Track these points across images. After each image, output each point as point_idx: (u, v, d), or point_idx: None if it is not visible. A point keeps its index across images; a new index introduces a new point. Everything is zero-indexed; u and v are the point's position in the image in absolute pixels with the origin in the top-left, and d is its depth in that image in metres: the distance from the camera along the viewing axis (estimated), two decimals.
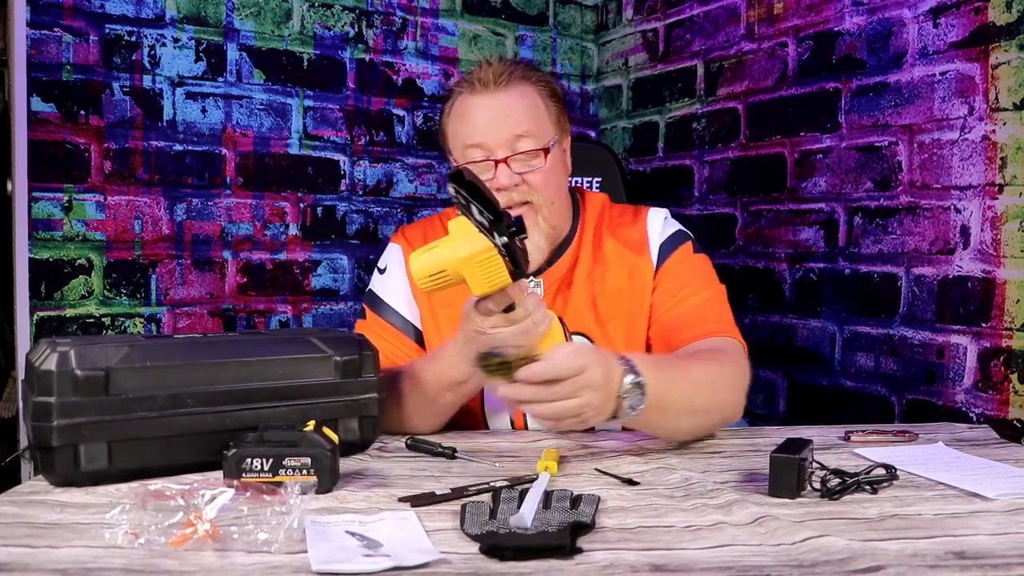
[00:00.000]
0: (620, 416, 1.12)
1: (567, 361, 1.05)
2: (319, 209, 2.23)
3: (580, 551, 0.83)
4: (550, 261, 1.42)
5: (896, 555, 0.83)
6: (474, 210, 1.04)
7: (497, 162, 1.33)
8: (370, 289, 1.48)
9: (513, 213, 1.34)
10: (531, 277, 1.41)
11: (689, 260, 1.43)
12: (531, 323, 1.12)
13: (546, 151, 1.36)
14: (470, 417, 1.41)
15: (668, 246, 1.43)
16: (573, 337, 1.38)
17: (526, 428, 1.40)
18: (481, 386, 1.29)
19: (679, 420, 1.22)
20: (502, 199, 1.33)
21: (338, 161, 2.25)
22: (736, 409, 1.30)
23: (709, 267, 1.45)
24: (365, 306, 1.46)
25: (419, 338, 1.43)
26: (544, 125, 1.38)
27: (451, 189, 1.04)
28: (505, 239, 1.05)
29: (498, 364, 1.08)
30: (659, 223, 1.45)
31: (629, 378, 1.11)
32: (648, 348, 1.40)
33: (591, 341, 1.39)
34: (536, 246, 1.36)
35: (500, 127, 1.34)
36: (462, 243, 1.08)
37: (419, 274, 1.10)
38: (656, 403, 1.13)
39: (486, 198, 1.04)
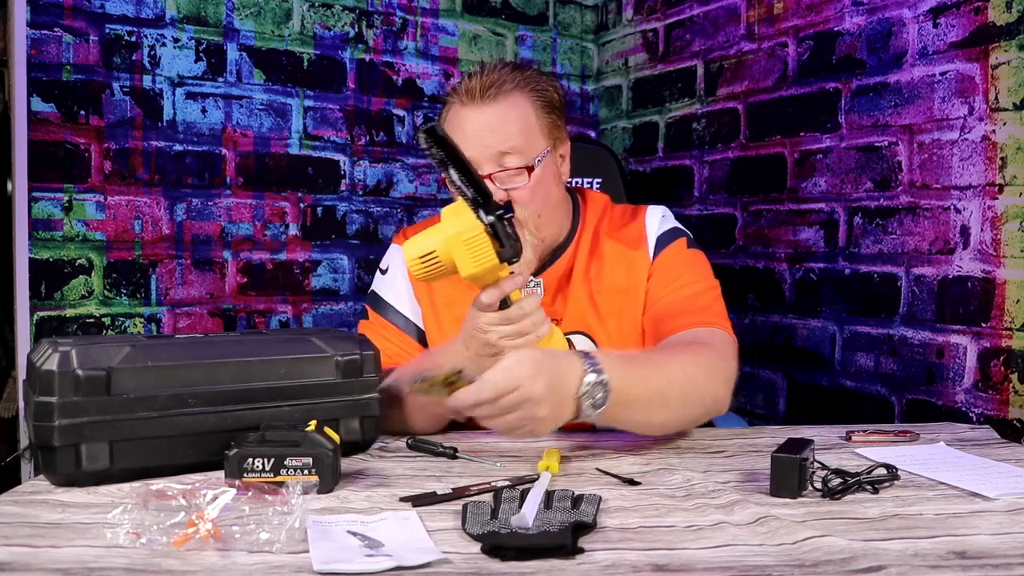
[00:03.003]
0: (581, 416, 1.10)
1: (496, 383, 1.04)
2: (319, 209, 2.23)
3: (582, 551, 0.84)
4: (550, 261, 1.42)
5: (897, 555, 0.83)
6: (453, 174, 1.05)
7: (484, 177, 1.32)
8: (372, 290, 1.48)
9: None
10: (531, 277, 1.41)
11: (684, 254, 1.42)
12: (529, 323, 1.13)
13: (530, 169, 1.32)
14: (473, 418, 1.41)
15: (664, 239, 1.43)
16: (574, 337, 1.39)
17: None
18: None
19: (651, 414, 1.19)
20: None
21: (338, 161, 2.25)
22: (718, 400, 1.25)
23: (704, 263, 1.44)
24: (367, 307, 1.46)
25: (422, 338, 1.43)
26: (533, 139, 1.34)
27: (423, 143, 1.03)
28: (492, 219, 1.07)
29: (428, 386, 1.08)
30: (657, 219, 1.46)
31: (591, 377, 1.09)
32: (643, 337, 1.40)
33: (592, 339, 1.39)
34: (524, 258, 1.35)
35: (486, 142, 1.31)
36: (450, 223, 1.10)
37: (411, 258, 1.12)
38: (623, 398, 1.11)
39: (472, 176, 1.06)
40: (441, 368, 1.09)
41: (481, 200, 1.07)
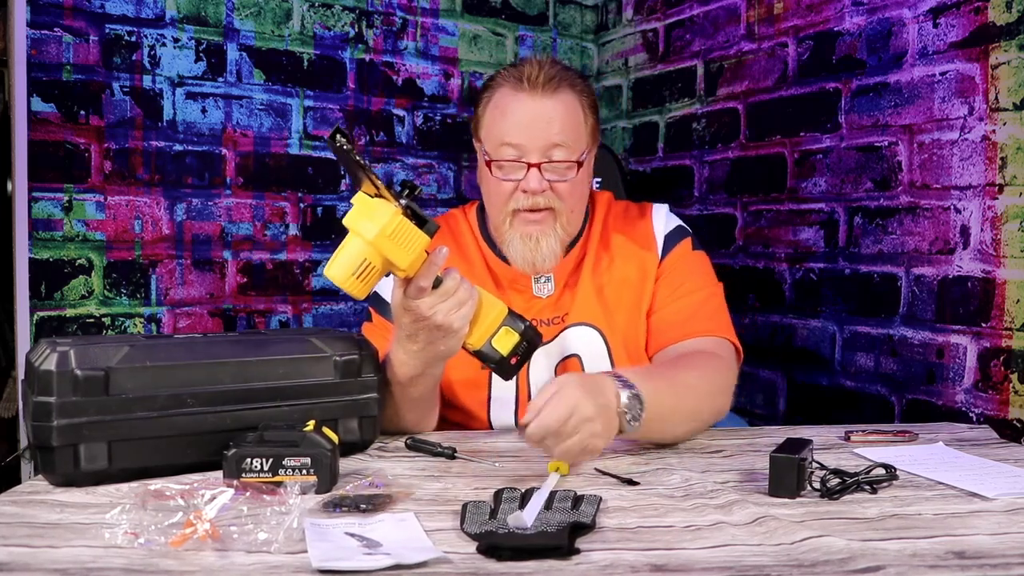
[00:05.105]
0: (624, 430, 1.13)
1: (553, 413, 1.04)
2: (319, 209, 2.23)
3: (578, 551, 0.83)
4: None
5: (896, 555, 0.83)
6: (364, 164, 1.03)
7: (530, 165, 1.33)
8: (374, 291, 1.48)
9: (535, 217, 1.36)
10: (544, 272, 1.42)
11: (690, 256, 1.45)
12: (463, 291, 1.14)
13: (579, 164, 1.35)
14: (477, 422, 1.42)
15: (671, 239, 1.45)
16: (581, 328, 1.38)
17: None
18: (440, 374, 1.29)
19: (675, 426, 1.25)
20: (527, 202, 1.34)
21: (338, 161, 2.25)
22: (721, 411, 1.32)
23: (708, 265, 1.47)
24: (370, 308, 1.46)
25: None
26: (580, 137, 1.37)
27: (340, 143, 1.01)
28: (404, 201, 1.06)
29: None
30: (663, 218, 1.48)
31: (625, 392, 1.12)
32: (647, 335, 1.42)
33: (599, 331, 1.40)
34: (552, 251, 1.37)
35: (541, 132, 1.32)
36: (365, 226, 1.06)
37: (342, 278, 1.07)
38: (652, 413, 1.14)
39: (368, 169, 1.04)
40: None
41: (387, 185, 1.06)
